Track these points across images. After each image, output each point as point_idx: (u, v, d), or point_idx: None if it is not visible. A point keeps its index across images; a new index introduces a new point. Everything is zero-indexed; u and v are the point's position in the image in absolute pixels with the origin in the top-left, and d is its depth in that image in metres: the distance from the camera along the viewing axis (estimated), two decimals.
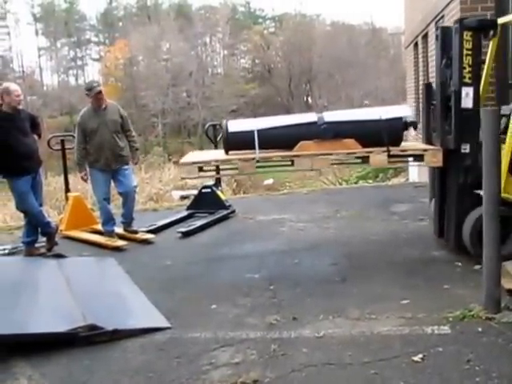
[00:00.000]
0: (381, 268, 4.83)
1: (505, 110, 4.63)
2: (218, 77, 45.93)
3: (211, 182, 7.69)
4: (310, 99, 43.66)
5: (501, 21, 4.96)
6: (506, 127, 4.44)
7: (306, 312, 3.89)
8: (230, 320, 3.88)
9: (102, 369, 3.27)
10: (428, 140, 5.20)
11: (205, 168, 4.99)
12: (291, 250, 5.62)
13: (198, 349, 3.42)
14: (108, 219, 6.31)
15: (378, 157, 4.81)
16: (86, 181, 6.37)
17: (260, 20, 53.13)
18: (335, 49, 40.46)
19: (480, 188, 4.62)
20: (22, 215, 6.10)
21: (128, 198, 6.37)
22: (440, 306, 3.81)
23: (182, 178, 6.59)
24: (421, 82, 10.98)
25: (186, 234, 6.45)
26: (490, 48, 5.11)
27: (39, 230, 5.94)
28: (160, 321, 3.87)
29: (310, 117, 5.21)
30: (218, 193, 7.66)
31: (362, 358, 3.16)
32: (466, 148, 4.73)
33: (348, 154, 4.93)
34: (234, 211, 7.49)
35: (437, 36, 5.05)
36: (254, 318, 3.86)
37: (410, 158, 5.16)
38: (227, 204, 7.54)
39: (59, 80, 50.01)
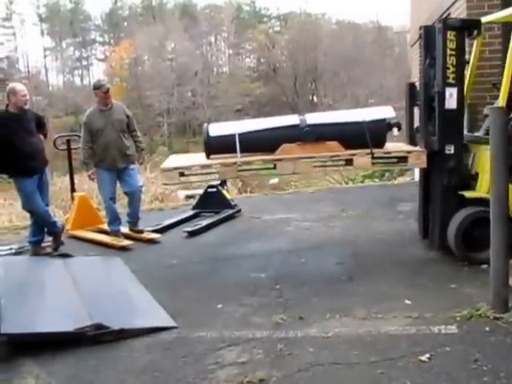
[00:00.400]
0: (387, 267, 4.81)
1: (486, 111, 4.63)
2: (223, 76, 46.00)
3: (217, 182, 7.68)
4: (315, 98, 43.61)
5: (484, 20, 4.91)
6: None
7: (313, 311, 3.88)
8: (236, 319, 3.87)
9: (109, 368, 3.28)
10: (411, 141, 5.17)
11: (186, 173, 4.84)
12: (297, 249, 5.61)
13: (204, 348, 3.42)
14: (114, 219, 6.32)
15: (362, 159, 4.76)
16: (93, 179, 6.38)
17: (265, 19, 53.15)
18: (340, 47, 40.43)
19: (464, 189, 4.64)
20: (28, 215, 6.11)
21: (134, 197, 6.38)
22: (447, 305, 3.79)
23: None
24: None
25: (192, 234, 6.45)
26: (475, 48, 5.07)
27: (45, 229, 5.96)
28: (166, 320, 3.87)
29: (292, 119, 5.11)
30: (224, 192, 7.66)
31: (368, 357, 3.15)
32: (450, 149, 4.71)
33: (331, 156, 4.84)
34: (239, 211, 7.49)
35: (420, 35, 4.99)
36: (260, 318, 3.86)
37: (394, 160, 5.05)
38: (233, 203, 7.54)
39: (64, 80, 50.28)
